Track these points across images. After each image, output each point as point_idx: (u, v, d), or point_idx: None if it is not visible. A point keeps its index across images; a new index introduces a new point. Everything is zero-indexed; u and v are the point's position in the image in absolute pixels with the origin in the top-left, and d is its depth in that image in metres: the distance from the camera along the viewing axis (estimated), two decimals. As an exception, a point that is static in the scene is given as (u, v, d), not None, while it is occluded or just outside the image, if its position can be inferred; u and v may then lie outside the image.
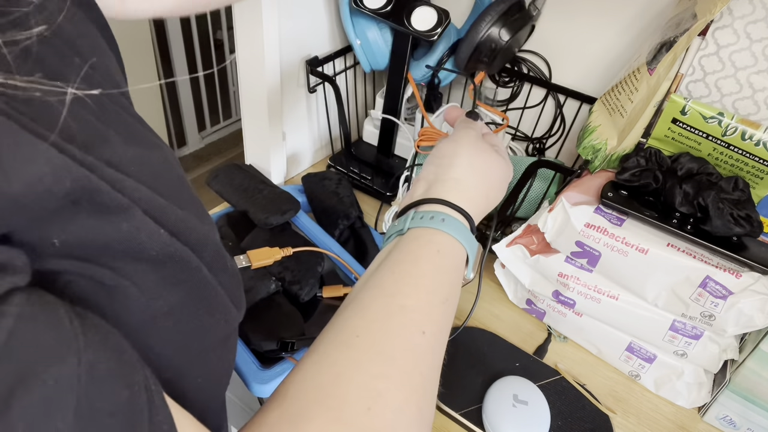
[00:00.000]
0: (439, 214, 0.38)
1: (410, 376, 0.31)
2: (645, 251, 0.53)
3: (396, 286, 0.35)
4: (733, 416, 0.55)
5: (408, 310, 0.33)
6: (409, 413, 0.30)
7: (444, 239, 0.37)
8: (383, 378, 0.30)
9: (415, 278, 0.35)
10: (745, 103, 0.54)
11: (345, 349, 0.31)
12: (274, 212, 0.66)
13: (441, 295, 0.36)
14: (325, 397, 0.29)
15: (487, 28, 0.66)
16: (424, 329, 0.33)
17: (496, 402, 0.52)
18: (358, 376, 0.30)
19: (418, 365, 0.32)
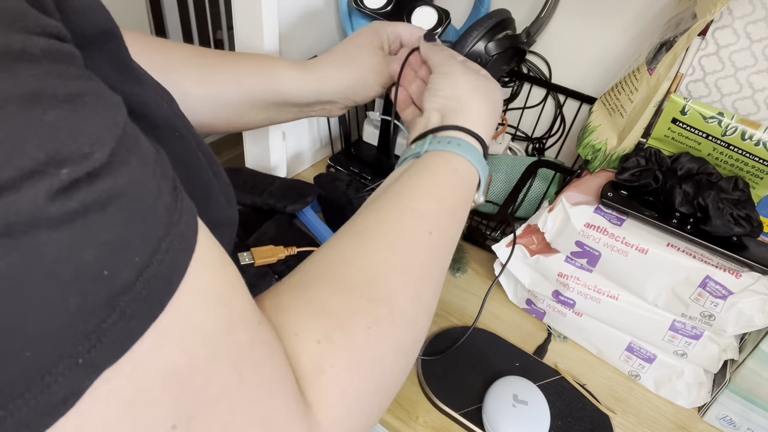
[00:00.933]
0: (456, 140, 0.41)
1: (411, 265, 0.34)
2: (645, 251, 0.53)
3: (410, 192, 0.38)
4: (733, 416, 0.55)
5: (417, 212, 0.36)
6: (406, 295, 0.33)
7: (460, 161, 0.40)
8: (385, 262, 0.33)
9: (428, 188, 0.38)
10: (745, 103, 0.54)
11: (354, 237, 0.35)
12: (294, 199, 0.66)
13: (450, 205, 0.39)
14: (330, 271, 0.32)
15: (473, 42, 0.66)
16: (431, 230, 0.36)
17: (496, 402, 0.52)
18: (362, 258, 0.33)
19: (421, 258, 0.35)
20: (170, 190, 0.21)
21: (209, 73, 0.52)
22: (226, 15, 1.92)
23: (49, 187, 0.16)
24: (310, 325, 0.29)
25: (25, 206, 0.15)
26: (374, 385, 0.30)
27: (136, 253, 0.18)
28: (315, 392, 0.27)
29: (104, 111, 0.18)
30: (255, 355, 0.24)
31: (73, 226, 0.17)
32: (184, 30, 1.82)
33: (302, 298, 0.30)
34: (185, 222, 0.21)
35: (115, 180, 0.18)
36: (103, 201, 0.17)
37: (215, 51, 0.55)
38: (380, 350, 0.30)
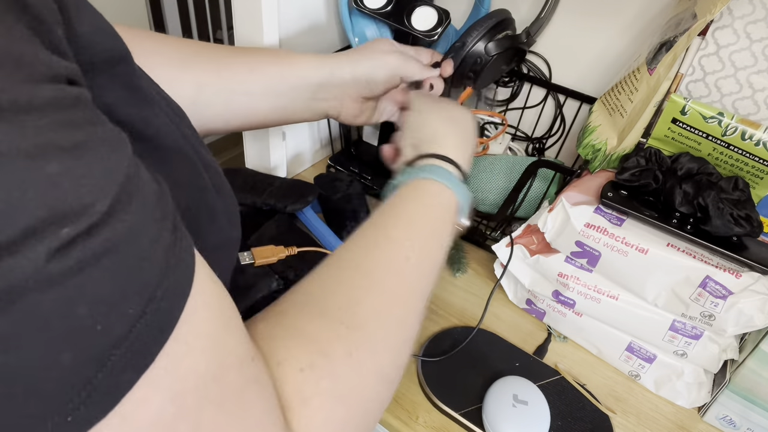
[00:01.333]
0: (428, 166, 0.43)
1: (386, 290, 0.34)
2: (645, 251, 0.53)
3: (387, 221, 0.39)
4: (733, 416, 0.55)
5: (393, 239, 0.37)
6: (384, 320, 0.33)
7: (434, 186, 0.42)
8: (360, 288, 0.34)
9: (404, 214, 0.39)
10: (745, 103, 0.54)
11: (332, 268, 0.35)
12: (295, 199, 0.66)
13: (429, 229, 0.39)
14: (308, 300, 0.33)
15: (473, 42, 0.66)
16: (408, 256, 0.36)
17: (496, 402, 0.52)
18: (338, 286, 0.34)
19: (398, 283, 0.35)
20: (170, 229, 0.21)
21: (224, 63, 0.52)
22: (226, 15, 1.92)
23: (49, 247, 0.16)
24: (292, 352, 0.29)
25: (25, 268, 0.15)
26: (357, 411, 0.30)
27: (130, 305, 0.18)
28: (300, 422, 0.27)
29: (108, 156, 0.18)
30: (245, 395, 0.24)
31: (68, 283, 0.16)
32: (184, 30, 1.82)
33: (281, 325, 0.31)
34: (183, 265, 0.21)
35: (114, 231, 0.18)
36: (100, 254, 0.17)
37: (228, 46, 0.56)
38: (362, 376, 0.31)
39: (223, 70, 0.52)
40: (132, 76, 0.24)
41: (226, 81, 0.52)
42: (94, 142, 0.18)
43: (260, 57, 0.54)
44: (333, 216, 0.71)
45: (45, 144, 0.16)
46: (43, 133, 0.16)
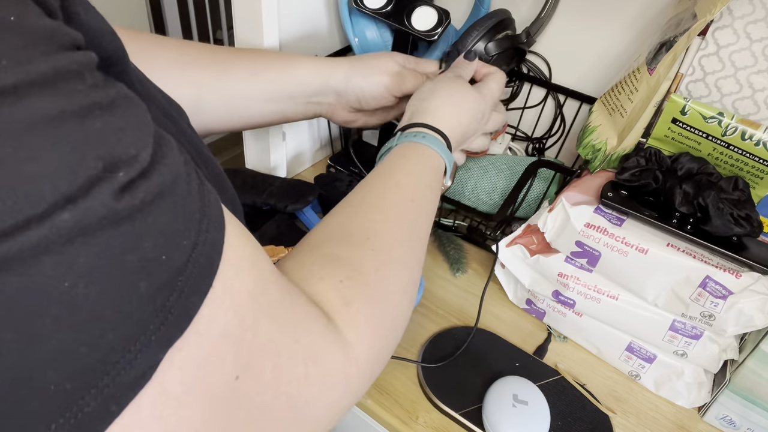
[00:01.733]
0: (420, 133, 0.49)
1: (401, 224, 0.41)
2: (645, 251, 0.53)
3: (391, 171, 0.45)
4: (733, 416, 0.55)
5: (401, 185, 0.43)
6: (401, 245, 0.40)
7: (425, 149, 0.48)
8: (379, 222, 0.40)
9: (405, 166, 0.46)
10: (745, 103, 0.54)
11: (349, 208, 0.41)
12: (295, 199, 0.66)
13: (425, 180, 0.46)
14: (335, 234, 0.38)
15: (473, 42, 0.66)
16: (413, 198, 0.43)
17: (496, 402, 0.52)
18: (360, 222, 0.39)
19: (408, 219, 0.42)
20: (195, 173, 0.23)
21: (224, 67, 0.53)
22: (226, 15, 1.92)
23: (112, 189, 0.18)
24: (331, 270, 0.34)
25: (97, 208, 0.18)
26: (388, 315, 0.36)
27: (184, 237, 0.21)
28: (345, 319, 0.32)
29: (136, 112, 0.21)
30: (285, 303, 0.28)
31: (134, 220, 0.19)
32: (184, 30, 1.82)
33: (318, 254, 0.36)
34: (214, 202, 0.24)
35: (161, 174, 0.20)
36: (155, 195, 0.20)
37: (229, 47, 0.58)
38: (388, 287, 0.37)
39: (223, 74, 0.53)
40: (128, 78, 0.26)
41: (226, 85, 0.53)
42: (121, 98, 0.20)
43: (260, 61, 0.55)
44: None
45: (88, 105, 0.18)
46: (84, 95, 0.18)
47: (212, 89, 0.53)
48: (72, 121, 0.18)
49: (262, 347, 0.25)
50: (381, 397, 0.55)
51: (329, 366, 0.30)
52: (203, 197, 0.23)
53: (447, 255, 0.72)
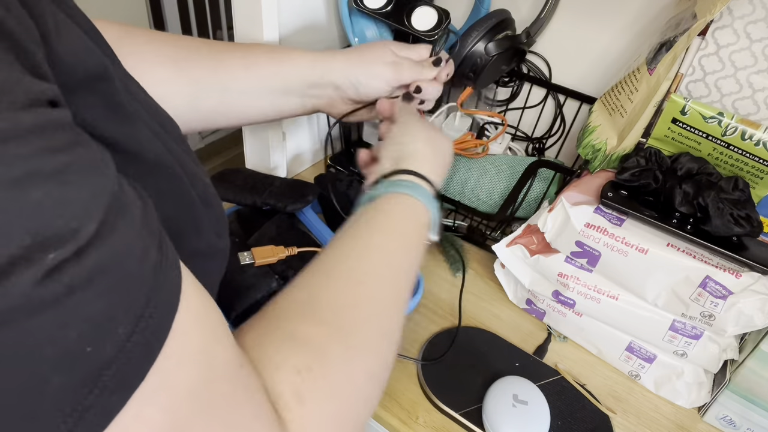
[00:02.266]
0: (405, 182, 0.45)
1: (376, 297, 0.36)
2: (645, 251, 0.53)
3: (368, 231, 0.40)
4: (733, 416, 0.55)
5: (377, 248, 0.39)
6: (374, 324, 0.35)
7: (410, 201, 0.44)
8: (352, 296, 0.35)
9: (385, 225, 0.41)
10: (744, 103, 0.54)
11: (321, 276, 0.36)
12: (295, 199, 0.66)
13: (406, 240, 0.42)
14: (302, 307, 0.34)
15: (473, 43, 0.66)
16: (391, 264, 0.39)
17: (496, 402, 0.52)
18: (330, 293, 0.35)
19: (385, 290, 0.37)
20: (156, 246, 0.21)
21: (220, 61, 0.53)
22: (226, 15, 1.92)
23: (35, 273, 0.16)
24: (289, 356, 0.30)
25: (13, 295, 0.16)
26: (350, 409, 0.32)
27: (120, 325, 0.19)
28: (296, 420, 0.28)
29: (93, 177, 0.18)
30: (235, 400, 0.24)
31: (58, 306, 0.17)
32: (184, 30, 1.82)
33: (279, 330, 0.32)
34: (170, 281, 0.21)
35: (101, 253, 0.18)
36: (89, 277, 0.17)
37: (225, 42, 0.57)
38: (354, 378, 0.32)
39: (219, 68, 0.53)
40: (113, 93, 0.24)
41: (222, 79, 0.53)
42: (78, 164, 0.18)
43: (256, 55, 0.54)
44: (333, 216, 0.71)
45: (28, 172, 0.16)
46: (26, 161, 0.16)
47: (208, 84, 0.52)
48: (4, 190, 0.16)
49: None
50: (381, 397, 0.55)
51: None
52: (157, 276, 0.20)
53: (447, 255, 0.72)
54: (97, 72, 0.23)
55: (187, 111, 0.52)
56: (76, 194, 0.17)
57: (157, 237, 0.21)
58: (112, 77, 0.24)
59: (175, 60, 0.51)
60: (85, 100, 0.22)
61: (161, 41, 0.51)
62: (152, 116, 0.29)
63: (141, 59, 0.49)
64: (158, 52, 0.51)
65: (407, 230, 0.42)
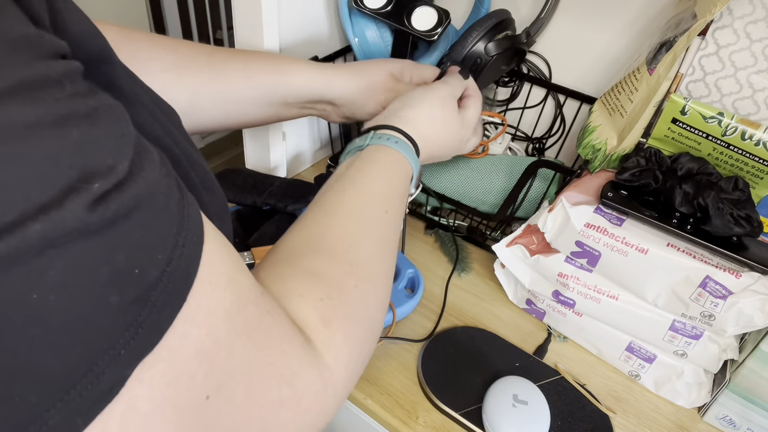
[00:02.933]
0: (393, 137, 0.48)
1: (377, 238, 0.41)
2: (645, 251, 0.53)
3: (366, 178, 0.44)
4: (733, 416, 0.55)
5: (376, 194, 0.43)
6: (377, 259, 0.40)
7: (397, 154, 0.47)
8: (356, 234, 0.39)
9: (379, 173, 0.45)
10: (745, 103, 0.54)
11: (327, 216, 0.41)
12: (295, 199, 0.66)
13: (398, 189, 0.45)
14: (314, 245, 0.38)
15: (473, 43, 0.66)
16: (387, 209, 0.43)
17: (496, 402, 0.52)
18: (338, 232, 0.39)
19: (383, 232, 0.42)
20: (176, 185, 0.23)
21: (220, 69, 0.54)
22: (226, 15, 1.92)
23: (86, 200, 0.18)
24: (310, 287, 0.34)
25: (70, 220, 0.17)
26: (366, 331, 0.36)
27: (159, 251, 0.21)
28: (324, 340, 0.32)
29: (117, 121, 0.20)
30: (263, 323, 0.27)
31: (107, 232, 0.19)
32: (184, 30, 1.82)
33: (297, 267, 0.35)
34: (193, 215, 0.23)
35: (138, 187, 0.20)
36: (130, 207, 0.19)
37: (225, 48, 0.57)
38: (367, 303, 0.37)
39: (219, 76, 0.53)
40: (113, 76, 0.26)
41: (221, 87, 0.54)
42: (103, 108, 0.20)
43: (256, 64, 0.55)
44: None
45: (67, 114, 0.18)
46: (63, 104, 0.18)
47: (207, 92, 0.53)
48: (48, 129, 0.17)
49: (236, 368, 0.25)
50: (381, 397, 0.55)
51: (305, 389, 0.29)
52: (182, 211, 0.22)
53: (447, 255, 0.72)
54: (100, 55, 0.24)
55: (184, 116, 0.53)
56: (107, 134, 0.19)
57: (174, 179, 0.23)
58: (114, 61, 0.26)
59: (176, 66, 0.52)
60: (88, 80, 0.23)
61: (162, 46, 0.52)
62: (151, 99, 0.30)
63: (141, 63, 0.50)
64: (159, 58, 0.51)
65: (396, 179, 0.46)
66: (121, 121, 0.21)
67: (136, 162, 0.20)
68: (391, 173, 0.46)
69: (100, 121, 0.19)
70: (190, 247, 0.22)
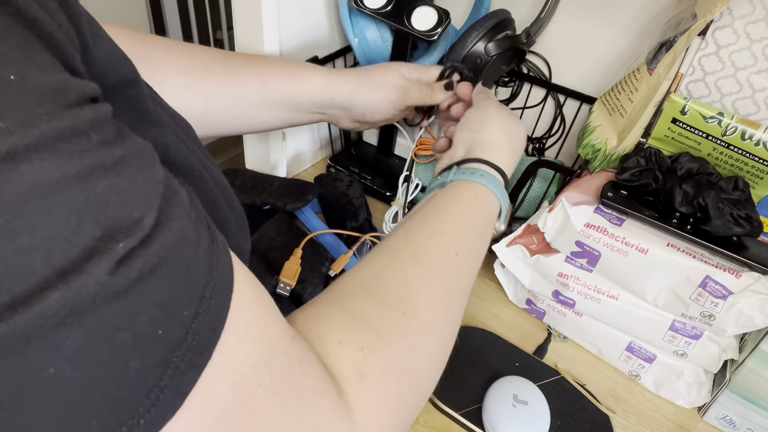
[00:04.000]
0: (478, 170, 0.45)
1: (440, 282, 0.37)
2: (645, 251, 0.53)
3: (438, 217, 0.40)
4: (733, 416, 0.55)
5: (446, 235, 0.39)
6: (436, 309, 0.35)
7: (482, 189, 0.44)
8: (418, 279, 0.35)
9: (454, 212, 0.41)
10: (745, 103, 0.54)
11: (387, 257, 0.37)
12: (294, 198, 0.66)
13: (475, 229, 0.41)
14: (367, 287, 0.34)
15: (473, 43, 0.66)
16: (458, 252, 0.39)
17: (496, 402, 0.52)
18: (396, 275, 0.35)
19: (449, 277, 0.37)
20: (206, 230, 0.22)
21: (234, 75, 0.54)
22: (226, 15, 1.92)
23: (109, 261, 0.17)
24: (353, 334, 0.31)
25: (91, 285, 0.16)
26: (409, 390, 0.32)
27: (185, 307, 0.19)
28: (357, 395, 0.29)
29: (145, 168, 0.19)
30: (292, 374, 0.25)
31: (130, 294, 0.17)
32: (184, 30, 1.82)
33: (343, 310, 0.33)
34: (223, 262, 0.22)
35: (165, 240, 0.19)
36: (156, 264, 0.18)
37: (238, 53, 0.58)
38: (414, 359, 0.33)
39: (233, 82, 0.54)
40: (141, 98, 0.25)
41: (236, 94, 0.54)
42: (130, 155, 0.19)
43: (269, 70, 0.56)
44: (333, 217, 0.71)
45: (92, 166, 0.17)
46: (89, 156, 0.17)
47: (222, 97, 0.53)
48: (72, 184, 0.16)
49: (259, 422, 0.23)
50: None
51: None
52: (211, 258, 0.21)
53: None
54: (128, 78, 0.24)
55: (198, 120, 0.53)
56: (133, 184, 0.18)
57: (204, 221, 0.22)
58: (140, 83, 0.25)
59: (191, 70, 0.52)
60: (116, 106, 0.23)
61: (177, 50, 0.52)
62: (172, 119, 0.29)
63: (157, 67, 0.50)
64: (174, 62, 0.51)
65: (475, 218, 0.42)
66: (149, 166, 0.19)
67: (163, 210, 0.19)
68: (469, 210, 0.42)
69: (127, 170, 0.18)
70: (218, 297, 0.21)
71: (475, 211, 0.42)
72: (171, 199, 0.20)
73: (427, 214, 0.41)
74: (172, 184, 0.20)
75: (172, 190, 0.20)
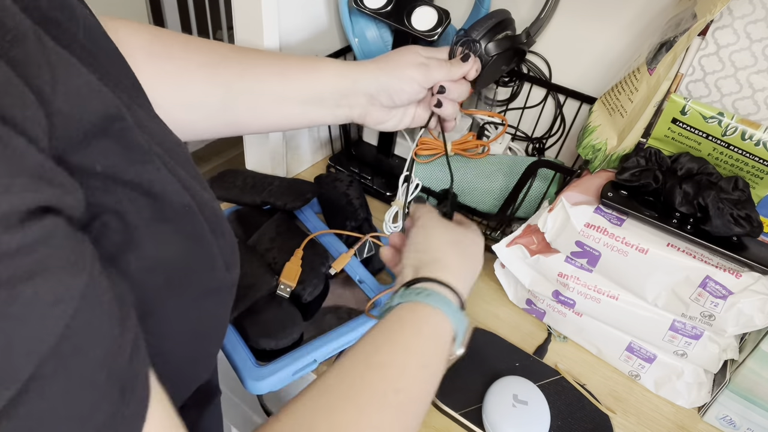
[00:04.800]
0: (425, 290, 0.40)
1: (375, 424, 0.33)
2: (645, 251, 0.53)
3: (376, 346, 0.37)
4: (733, 416, 0.55)
5: (384, 366, 0.35)
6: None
7: (428, 311, 0.39)
8: (352, 425, 0.32)
9: (395, 340, 0.37)
10: (745, 103, 0.54)
11: (322, 396, 0.33)
12: (294, 198, 0.66)
13: (420, 359, 0.37)
14: (299, 425, 0.31)
15: None
16: (398, 387, 0.34)
17: (496, 402, 0.52)
18: (329, 413, 0.32)
19: (388, 420, 0.33)
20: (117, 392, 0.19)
21: (252, 67, 0.53)
22: (226, 15, 1.92)
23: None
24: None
25: None
26: None
27: None
28: None
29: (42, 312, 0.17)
30: None
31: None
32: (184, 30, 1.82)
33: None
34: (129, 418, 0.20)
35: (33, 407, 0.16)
36: None
37: (255, 48, 0.57)
38: None
39: (252, 74, 0.53)
40: (128, 132, 0.24)
41: (254, 86, 0.53)
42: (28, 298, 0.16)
43: (287, 63, 0.55)
44: (332, 217, 0.71)
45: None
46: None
47: (239, 89, 0.52)
48: None
49: None
50: None
51: None
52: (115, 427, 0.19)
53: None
54: (108, 113, 0.22)
55: (218, 116, 0.52)
56: (17, 334, 0.16)
57: (118, 377, 0.19)
58: (124, 117, 0.23)
59: (208, 64, 0.51)
60: (101, 147, 0.22)
61: (195, 46, 0.52)
62: (159, 144, 0.27)
63: (174, 63, 0.50)
64: (191, 58, 0.51)
65: (424, 347, 0.38)
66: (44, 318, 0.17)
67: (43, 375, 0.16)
68: (413, 337, 0.38)
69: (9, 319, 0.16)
70: None
71: (420, 336, 0.38)
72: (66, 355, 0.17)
73: (363, 344, 0.37)
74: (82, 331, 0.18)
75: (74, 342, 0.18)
